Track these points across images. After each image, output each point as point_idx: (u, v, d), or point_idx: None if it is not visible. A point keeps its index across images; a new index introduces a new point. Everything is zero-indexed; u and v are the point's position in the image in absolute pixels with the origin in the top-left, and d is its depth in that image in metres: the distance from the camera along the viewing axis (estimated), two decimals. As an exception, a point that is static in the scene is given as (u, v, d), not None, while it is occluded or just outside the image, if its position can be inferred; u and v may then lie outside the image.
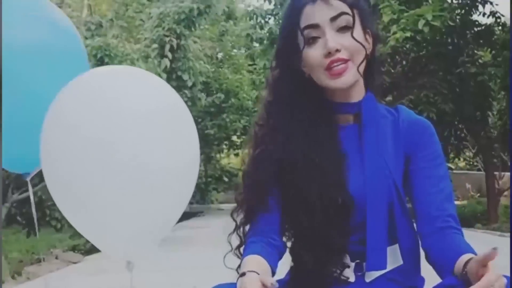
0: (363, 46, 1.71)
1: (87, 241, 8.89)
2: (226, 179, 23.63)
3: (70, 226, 9.69)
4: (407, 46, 11.82)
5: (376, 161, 1.78)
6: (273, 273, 1.72)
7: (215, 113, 17.17)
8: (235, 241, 1.83)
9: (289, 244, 1.83)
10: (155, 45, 10.35)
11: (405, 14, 10.23)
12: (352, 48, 1.69)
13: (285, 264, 1.84)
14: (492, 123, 14.27)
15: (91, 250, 10.49)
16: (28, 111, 3.46)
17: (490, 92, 12.83)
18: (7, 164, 3.73)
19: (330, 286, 1.76)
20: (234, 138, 22.94)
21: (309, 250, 1.76)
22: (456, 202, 17.41)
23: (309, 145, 1.80)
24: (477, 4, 12.12)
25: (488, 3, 12.14)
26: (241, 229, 1.85)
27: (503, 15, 12.20)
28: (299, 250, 1.79)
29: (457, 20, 12.10)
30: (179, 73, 10.87)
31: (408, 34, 10.06)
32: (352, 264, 1.78)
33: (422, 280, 1.83)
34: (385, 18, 10.42)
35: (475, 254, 1.67)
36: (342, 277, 1.78)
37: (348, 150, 1.80)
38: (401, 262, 1.82)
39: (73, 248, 11.00)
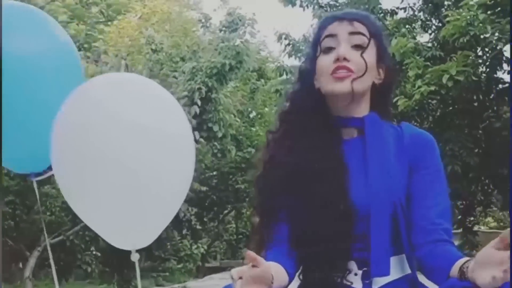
0: (366, 67, 1.89)
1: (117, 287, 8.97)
2: (256, 236, 23.39)
3: (100, 271, 9.93)
4: (433, 102, 12.02)
5: (379, 172, 1.88)
6: (290, 279, 1.83)
7: (246, 169, 17.38)
8: None
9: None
10: (185, 93, 10.68)
11: (430, 69, 10.45)
12: (358, 64, 1.88)
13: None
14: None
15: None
16: (27, 114, 3.65)
17: (515, 147, 12.87)
18: (11, 165, 3.91)
19: None
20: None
21: (313, 256, 1.84)
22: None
23: (312, 153, 1.90)
24: (502, 62, 12.30)
25: (512, 61, 12.31)
26: (258, 234, 1.94)
27: (525, 73, 12.34)
28: (305, 256, 1.87)
29: (482, 77, 12.31)
30: (210, 124, 11.18)
31: (432, 88, 10.24)
32: (360, 272, 1.86)
33: None
34: (411, 73, 10.65)
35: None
36: (346, 282, 1.84)
37: (352, 162, 1.91)
38: (409, 271, 1.91)
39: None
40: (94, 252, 12.43)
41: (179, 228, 13.49)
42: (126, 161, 3.33)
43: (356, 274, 1.86)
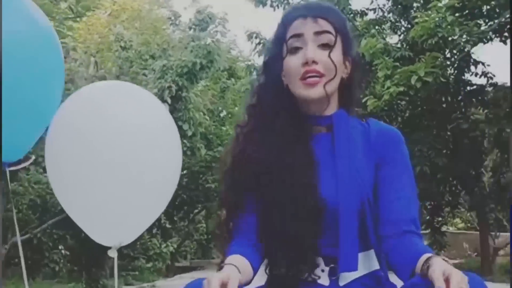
0: (335, 67, 1.87)
1: (85, 286, 8.95)
2: (227, 235, 23.45)
3: (68, 270, 9.78)
4: (403, 103, 12.13)
5: (347, 167, 1.86)
6: (255, 271, 1.80)
7: (216, 168, 17.36)
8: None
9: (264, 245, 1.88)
10: (155, 91, 10.64)
11: (399, 70, 10.55)
12: (327, 65, 1.86)
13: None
14: (487, 180, 14.39)
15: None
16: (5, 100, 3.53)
17: (482, 149, 13.04)
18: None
19: (304, 287, 1.83)
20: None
21: (281, 250, 1.83)
22: (453, 261, 17.38)
23: (282, 148, 1.89)
24: (469, 64, 12.46)
25: (480, 64, 12.48)
26: (224, 226, 1.93)
27: (494, 75, 12.54)
28: (272, 251, 1.86)
29: (450, 79, 12.46)
30: (180, 123, 11.12)
31: (401, 89, 10.33)
32: (327, 269, 1.85)
33: (394, 286, 1.85)
34: (380, 74, 10.74)
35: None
36: (313, 276, 1.83)
37: (320, 157, 1.89)
38: (377, 267, 1.90)
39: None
40: (62, 251, 12.32)
41: (149, 227, 13.43)
42: (117, 162, 3.49)
43: (323, 271, 1.86)
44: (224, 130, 17.19)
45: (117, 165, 3.57)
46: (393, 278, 1.89)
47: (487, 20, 11.95)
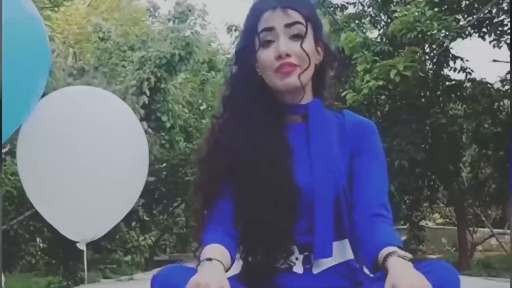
0: (309, 57, 1.88)
1: (61, 280, 8.86)
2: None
3: (45, 262, 9.69)
4: (382, 98, 12.17)
5: (322, 156, 1.88)
6: (232, 262, 1.79)
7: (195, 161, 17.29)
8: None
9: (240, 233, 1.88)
10: (133, 82, 10.59)
11: (378, 64, 10.57)
12: (300, 56, 1.86)
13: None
14: (466, 175, 14.49)
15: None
16: None
17: (460, 144, 13.10)
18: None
19: (278, 277, 1.82)
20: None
21: (256, 238, 1.83)
22: (431, 256, 17.51)
23: (257, 137, 1.89)
24: (448, 59, 12.51)
25: (459, 59, 12.54)
26: (199, 214, 1.92)
27: (472, 71, 12.60)
28: (247, 239, 1.86)
29: (429, 74, 12.52)
30: (158, 114, 11.09)
31: (380, 83, 10.35)
32: (301, 257, 1.85)
33: (367, 277, 1.84)
34: (359, 67, 10.75)
35: (401, 244, 1.74)
36: (289, 262, 1.83)
37: (296, 146, 1.90)
38: (351, 257, 1.91)
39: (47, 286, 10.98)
40: (40, 244, 12.23)
41: (128, 220, 13.37)
42: (85, 159, 3.58)
43: (297, 259, 1.86)
44: (204, 123, 17.16)
45: (85, 163, 3.63)
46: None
47: (465, 16, 12.01)
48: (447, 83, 13.00)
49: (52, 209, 3.73)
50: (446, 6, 11.44)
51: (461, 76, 12.87)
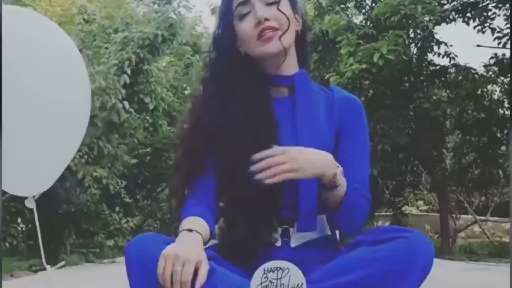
0: (288, 18, 1.91)
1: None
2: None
3: (26, 245, 9.64)
4: (366, 83, 12.16)
5: (308, 131, 1.90)
6: (211, 237, 1.81)
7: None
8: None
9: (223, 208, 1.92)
10: (115, 61, 10.55)
11: (362, 47, 10.57)
12: (279, 18, 1.89)
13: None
14: (449, 162, 14.52)
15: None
16: None
17: (443, 129, 13.13)
18: None
19: (257, 249, 1.84)
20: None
21: (240, 213, 1.84)
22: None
23: (242, 112, 1.91)
24: (432, 44, 12.52)
25: (443, 44, 12.55)
26: (179, 192, 1.94)
27: (456, 56, 12.61)
28: (230, 213, 1.88)
29: (413, 59, 12.52)
30: (141, 96, 11.07)
31: (363, 66, 10.35)
32: (279, 229, 1.88)
33: (343, 250, 1.88)
34: (343, 51, 10.75)
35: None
36: (272, 239, 1.85)
37: (282, 120, 1.93)
38: (328, 232, 1.96)
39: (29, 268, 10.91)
40: (20, 225, 12.18)
41: (111, 203, 13.35)
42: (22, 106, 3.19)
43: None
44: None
45: (22, 110, 3.21)
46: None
47: (450, 0, 12.02)
48: (431, 68, 12.99)
49: None
50: (430, -11, 11.44)
51: (445, 61, 12.87)
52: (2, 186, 3.34)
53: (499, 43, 11.81)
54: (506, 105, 12.89)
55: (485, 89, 12.76)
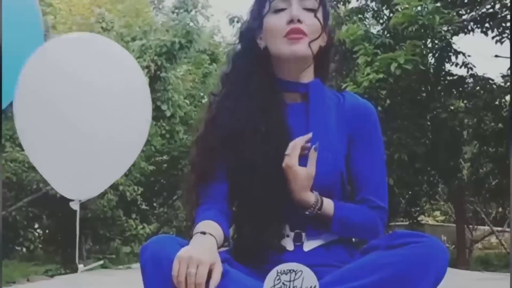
0: (322, 26, 1.91)
1: (60, 267, 8.90)
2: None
3: (42, 248, 9.68)
4: (383, 92, 12.15)
5: (320, 137, 1.87)
6: (225, 240, 1.81)
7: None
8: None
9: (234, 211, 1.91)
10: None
11: (379, 57, 10.55)
12: (312, 26, 1.89)
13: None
14: (466, 172, 14.45)
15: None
16: None
17: (461, 140, 13.07)
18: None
19: (269, 254, 1.82)
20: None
21: (250, 217, 1.84)
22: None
23: (255, 114, 1.90)
24: (450, 54, 12.48)
25: (461, 54, 12.51)
26: (193, 191, 1.93)
27: (474, 66, 12.56)
28: (241, 218, 1.88)
29: (431, 69, 12.48)
30: (158, 103, 11.10)
31: (380, 76, 10.34)
32: (292, 234, 1.87)
33: (357, 255, 1.83)
34: (360, 60, 10.74)
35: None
36: (280, 245, 1.84)
37: (294, 126, 1.90)
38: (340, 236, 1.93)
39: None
40: (38, 230, 12.28)
41: (127, 210, 13.40)
42: (82, 119, 3.51)
43: (288, 236, 1.87)
44: (206, 115, 17.09)
45: (85, 119, 3.56)
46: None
47: (468, 10, 11.99)
48: (448, 78, 12.95)
49: (48, 164, 3.70)
50: (449, 0, 11.42)
51: (462, 72, 12.82)
52: (53, 184, 3.56)
53: (517, 54, 11.77)
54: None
55: (503, 100, 12.69)
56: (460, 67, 12.64)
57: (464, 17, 11.58)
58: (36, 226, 12.24)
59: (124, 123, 3.63)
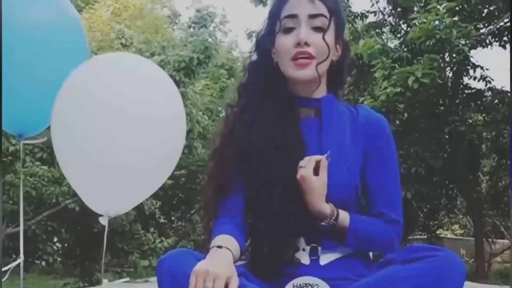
0: (329, 50, 1.91)
1: (78, 280, 8.95)
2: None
3: (62, 264, 9.73)
4: (401, 106, 12.12)
5: (334, 152, 1.87)
6: (241, 254, 1.82)
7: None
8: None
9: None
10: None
11: (396, 71, 10.55)
12: (320, 47, 1.89)
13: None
14: (485, 185, 14.36)
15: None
16: (31, 77, 3.85)
17: (480, 153, 13.00)
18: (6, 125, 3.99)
19: (286, 268, 1.85)
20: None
21: (266, 231, 1.85)
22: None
23: (271, 129, 1.91)
24: (467, 68, 12.44)
25: (479, 68, 12.47)
26: (211, 204, 1.95)
27: (492, 79, 12.52)
28: (257, 231, 1.89)
29: (449, 82, 12.45)
30: (176, 118, 11.13)
31: (398, 89, 10.32)
32: (308, 248, 1.88)
33: (374, 269, 1.86)
34: (377, 74, 10.74)
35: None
36: (295, 260, 1.86)
37: (308, 140, 1.92)
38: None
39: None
40: (57, 244, 12.33)
41: (146, 224, 13.43)
42: (118, 140, 3.64)
43: (304, 250, 1.88)
44: (224, 131, 17.13)
45: (120, 138, 3.67)
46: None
47: (486, 24, 11.96)
48: (466, 91, 12.91)
49: (81, 179, 3.78)
50: (466, 14, 11.40)
51: (481, 85, 12.78)
52: (85, 200, 3.65)
53: (536, 67, 11.69)
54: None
55: (522, 113, 12.62)
56: (478, 81, 12.60)
57: (481, 30, 11.56)
58: (55, 239, 12.30)
59: (159, 145, 3.71)
